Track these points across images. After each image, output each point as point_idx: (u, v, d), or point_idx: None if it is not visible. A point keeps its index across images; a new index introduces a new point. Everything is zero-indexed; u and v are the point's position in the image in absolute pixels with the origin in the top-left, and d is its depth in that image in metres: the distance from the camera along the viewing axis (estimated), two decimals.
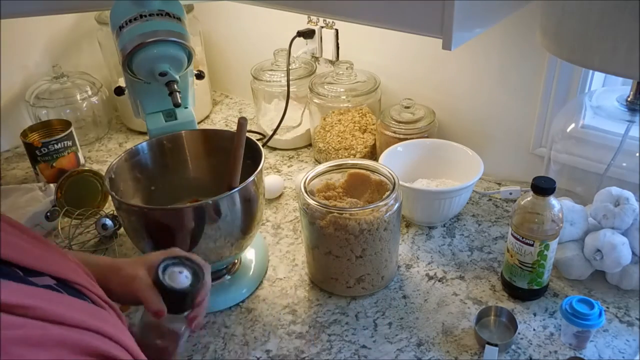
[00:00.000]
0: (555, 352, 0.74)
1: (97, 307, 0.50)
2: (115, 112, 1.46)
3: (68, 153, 1.15)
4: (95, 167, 1.25)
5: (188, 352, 0.77)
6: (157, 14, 0.83)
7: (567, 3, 0.68)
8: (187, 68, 0.89)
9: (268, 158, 1.25)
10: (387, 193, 0.81)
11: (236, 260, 0.90)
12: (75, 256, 0.55)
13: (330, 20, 1.22)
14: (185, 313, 0.62)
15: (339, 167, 0.89)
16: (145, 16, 0.83)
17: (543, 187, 0.74)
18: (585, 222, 0.84)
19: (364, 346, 0.77)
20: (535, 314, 0.80)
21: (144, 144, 0.89)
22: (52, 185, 1.09)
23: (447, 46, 0.63)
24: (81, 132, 1.33)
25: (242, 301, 0.86)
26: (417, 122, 1.07)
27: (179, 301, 0.61)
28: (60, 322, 0.40)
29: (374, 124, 1.16)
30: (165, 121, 0.93)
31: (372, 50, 1.19)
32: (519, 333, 0.76)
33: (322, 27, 1.23)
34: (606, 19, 0.64)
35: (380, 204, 0.78)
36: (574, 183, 0.95)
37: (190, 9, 1.34)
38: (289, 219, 1.04)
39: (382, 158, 1.00)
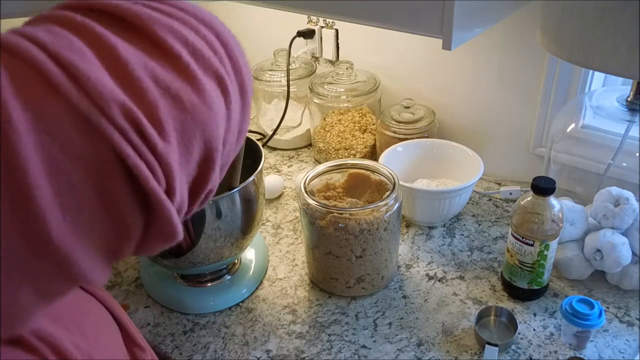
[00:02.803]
0: (555, 352, 0.74)
1: None
2: None
3: None
4: None
5: (188, 352, 0.77)
6: None
7: (567, 3, 0.68)
8: None
9: (268, 158, 1.25)
10: (387, 193, 0.81)
11: (236, 260, 0.90)
12: None
13: (330, 20, 1.22)
14: None
15: (339, 167, 0.89)
16: None
17: (543, 187, 0.74)
18: (585, 222, 0.84)
19: (364, 346, 0.77)
20: (535, 314, 0.80)
21: None
22: None
23: (447, 46, 0.63)
24: None
25: (242, 301, 0.86)
26: (417, 122, 1.07)
27: None
28: None
29: (374, 124, 1.16)
30: None
31: (372, 50, 1.19)
32: (519, 333, 0.76)
33: (322, 27, 1.23)
34: (606, 19, 0.64)
35: (380, 204, 0.78)
36: (574, 183, 0.95)
37: None
38: (289, 219, 1.04)
39: (382, 158, 1.00)
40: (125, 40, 0.30)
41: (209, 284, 0.87)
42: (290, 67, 1.18)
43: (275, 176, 1.12)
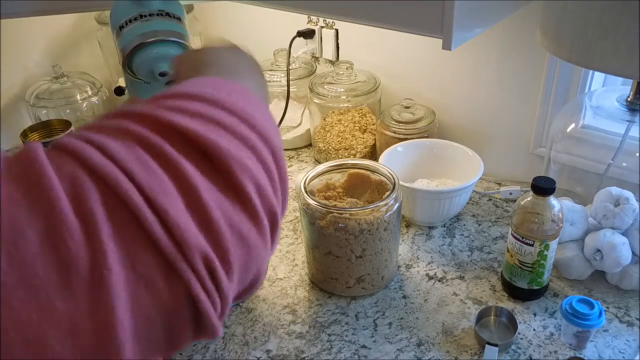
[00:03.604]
0: (555, 352, 0.74)
1: None
2: None
3: None
4: None
5: (188, 352, 0.77)
6: (157, 14, 0.83)
7: (567, 3, 0.68)
8: None
9: None
10: (387, 193, 0.81)
11: None
12: None
13: (330, 20, 1.22)
14: None
15: (339, 167, 0.89)
16: (146, 16, 0.83)
17: (543, 187, 0.74)
18: (585, 222, 0.84)
19: (364, 346, 0.77)
20: (535, 314, 0.80)
21: None
22: None
23: (447, 46, 0.63)
24: None
25: (242, 301, 0.86)
26: (417, 122, 1.07)
27: None
28: None
29: (374, 124, 1.16)
30: None
31: (372, 50, 1.19)
32: (519, 333, 0.76)
33: (322, 27, 1.23)
34: (606, 19, 0.64)
35: (380, 204, 0.78)
36: (574, 183, 0.95)
37: (190, 9, 1.34)
38: (289, 219, 1.04)
39: (382, 158, 1.00)
40: (204, 175, 0.32)
41: None
42: (290, 67, 1.18)
43: None
